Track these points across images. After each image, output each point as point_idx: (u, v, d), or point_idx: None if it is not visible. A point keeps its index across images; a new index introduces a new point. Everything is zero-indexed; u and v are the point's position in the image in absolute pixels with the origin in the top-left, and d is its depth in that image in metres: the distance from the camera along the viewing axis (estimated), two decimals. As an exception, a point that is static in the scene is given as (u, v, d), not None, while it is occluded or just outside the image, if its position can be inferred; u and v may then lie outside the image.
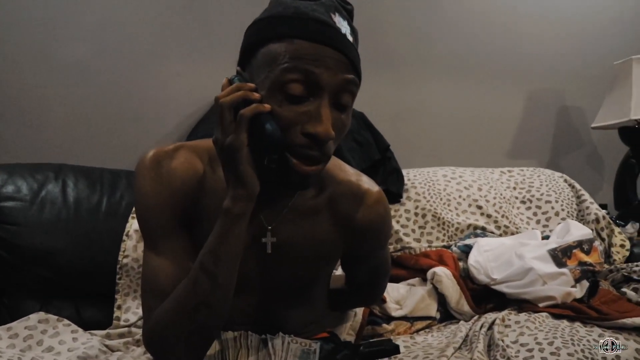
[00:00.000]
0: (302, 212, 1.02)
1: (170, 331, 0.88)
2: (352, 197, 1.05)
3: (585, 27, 2.66)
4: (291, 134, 0.85)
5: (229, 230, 0.86)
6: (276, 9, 0.88)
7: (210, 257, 0.86)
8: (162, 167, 0.97)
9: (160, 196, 0.96)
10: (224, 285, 0.88)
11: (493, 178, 2.04)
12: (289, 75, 0.83)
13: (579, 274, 1.49)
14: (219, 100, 0.85)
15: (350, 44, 0.88)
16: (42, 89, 1.98)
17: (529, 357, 1.17)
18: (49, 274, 1.52)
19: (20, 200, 1.56)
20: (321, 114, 0.84)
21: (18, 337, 1.28)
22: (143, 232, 0.98)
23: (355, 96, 0.90)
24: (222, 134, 0.84)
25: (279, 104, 0.84)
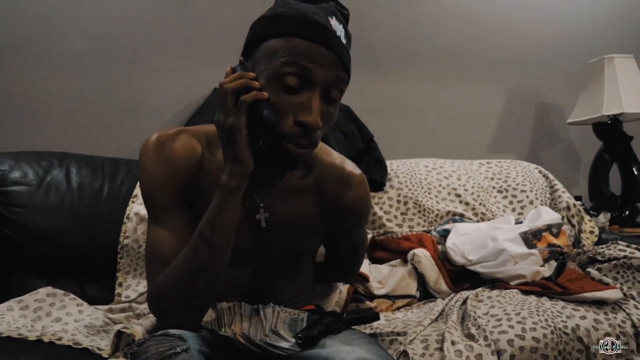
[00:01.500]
0: (291, 192, 1.13)
1: (173, 294, 0.98)
2: (337, 179, 1.16)
3: (563, 27, 2.78)
4: (284, 122, 0.95)
5: (225, 202, 0.97)
6: (280, 8, 0.99)
7: (208, 226, 0.97)
8: (165, 148, 1.07)
9: (163, 175, 1.06)
10: (221, 252, 0.98)
11: (472, 169, 2.15)
12: (286, 69, 0.94)
13: (547, 255, 1.62)
14: (223, 86, 0.95)
15: (343, 45, 0.99)
16: (43, 82, 2.06)
17: (497, 326, 1.29)
18: (54, 253, 1.61)
19: (27, 185, 1.65)
20: (312, 105, 0.95)
21: (28, 308, 1.38)
22: (147, 207, 1.08)
23: (343, 92, 1.01)
24: (224, 116, 0.95)
25: (275, 93, 0.95)
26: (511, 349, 1.22)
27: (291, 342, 1.07)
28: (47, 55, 2.06)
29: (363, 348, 1.03)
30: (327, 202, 1.16)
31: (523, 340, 1.24)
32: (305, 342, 1.06)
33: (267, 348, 1.05)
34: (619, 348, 1.28)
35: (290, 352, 1.05)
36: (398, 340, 1.27)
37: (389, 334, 1.30)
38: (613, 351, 1.27)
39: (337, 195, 1.16)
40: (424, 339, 1.26)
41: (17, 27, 2.01)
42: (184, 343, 0.86)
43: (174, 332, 0.89)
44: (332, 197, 1.16)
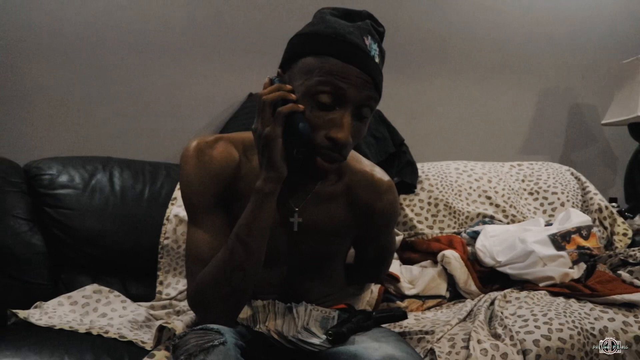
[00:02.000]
0: (323, 197, 1.19)
1: (211, 291, 1.05)
2: (367, 185, 1.22)
3: (596, 27, 2.77)
4: (317, 136, 1.02)
5: (260, 206, 1.03)
6: (318, 26, 1.05)
7: (244, 229, 1.03)
8: (204, 155, 1.14)
9: (202, 179, 1.13)
10: (256, 253, 1.05)
11: (503, 171, 2.17)
12: (321, 87, 1.00)
13: (576, 257, 1.63)
14: (261, 97, 1.02)
15: (376, 65, 1.04)
16: (87, 90, 2.17)
17: (524, 326, 1.32)
18: (99, 253, 1.71)
19: (74, 188, 1.75)
20: (343, 122, 1.01)
21: (77, 304, 1.47)
22: (187, 209, 1.15)
23: (374, 110, 1.07)
24: (262, 125, 1.02)
25: (309, 109, 1.02)
26: (537, 348, 1.24)
27: (322, 338, 1.12)
28: (89, 64, 2.17)
29: (391, 345, 1.08)
30: (357, 208, 1.22)
31: (549, 340, 1.26)
32: (335, 339, 1.11)
33: (299, 344, 1.11)
34: (619, 348, 1.28)
35: (321, 348, 1.10)
36: (426, 339, 1.31)
37: (417, 333, 1.34)
38: (613, 351, 1.27)
39: (367, 201, 1.22)
40: (450, 338, 1.29)
41: (59, 38, 2.12)
42: (222, 337, 0.92)
43: (212, 327, 0.96)
44: (362, 202, 1.22)
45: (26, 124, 2.09)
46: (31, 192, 1.74)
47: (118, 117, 2.20)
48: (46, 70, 2.12)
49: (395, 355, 1.02)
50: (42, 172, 1.77)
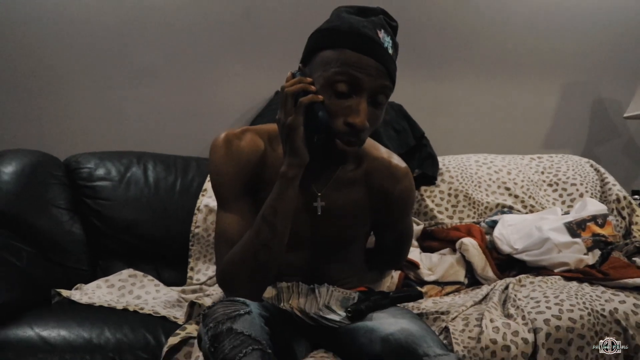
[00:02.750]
0: (344, 182, 1.27)
1: (238, 269, 1.14)
2: (384, 171, 1.30)
3: (618, 19, 2.76)
4: (336, 122, 1.11)
5: (285, 189, 1.12)
6: (335, 22, 1.14)
7: (270, 210, 1.12)
8: (232, 145, 1.24)
9: (231, 167, 1.22)
10: (280, 232, 1.13)
11: (522, 163, 2.22)
12: (338, 77, 1.09)
13: (591, 244, 1.68)
14: (284, 89, 1.11)
15: (389, 56, 1.12)
16: (121, 90, 2.28)
17: (535, 307, 1.37)
18: (134, 240, 1.83)
19: (110, 180, 1.87)
20: (360, 109, 1.09)
21: (114, 287, 1.58)
22: (217, 196, 1.25)
23: (388, 97, 1.16)
24: (284, 115, 1.11)
25: (328, 98, 1.10)
26: (547, 327, 1.29)
27: (342, 315, 1.20)
28: (124, 66, 2.28)
29: (406, 321, 1.15)
30: (375, 192, 1.30)
31: (560, 320, 1.31)
32: (354, 316, 1.19)
33: (320, 320, 1.19)
34: (619, 348, 1.30)
35: (340, 324, 1.18)
36: (441, 318, 1.37)
37: (433, 313, 1.41)
38: (613, 351, 1.29)
39: (384, 186, 1.29)
40: (465, 317, 1.36)
41: (96, 39, 2.25)
42: (247, 307, 1.01)
43: (238, 299, 1.04)
44: (380, 188, 1.29)
45: (66, 122, 2.22)
46: (71, 184, 1.86)
47: (151, 114, 2.31)
48: (84, 71, 2.24)
49: (410, 329, 1.10)
50: (81, 166, 1.89)
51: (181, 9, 2.32)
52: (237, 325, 0.96)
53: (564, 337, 1.29)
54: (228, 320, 0.97)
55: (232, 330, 0.95)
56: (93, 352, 1.21)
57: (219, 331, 0.96)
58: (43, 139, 2.14)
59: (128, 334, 1.25)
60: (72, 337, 1.23)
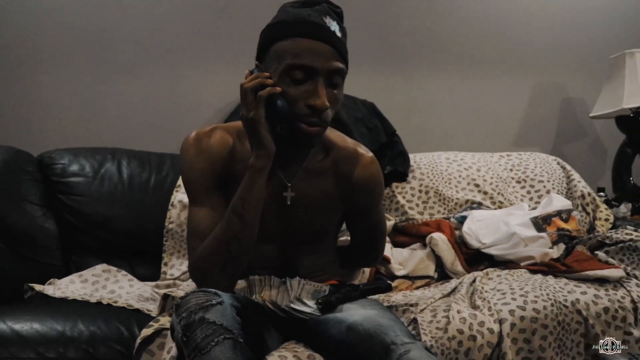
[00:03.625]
0: (312, 172, 1.30)
1: (210, 261, 1.16)
2: (351, 160, 1.33)
3: (585, 23, 2.83)
4: (297, 106, 1.15)
5: (253, 181, 1.15)
6: (282, 16, 1.19)
7: (239, 202, 1.15)
8: (202, 143, 1.27)
9: (202, 163, 1.25)
10: (250, 224, 1.16)
11: (492, 161, 2.27)
12: (293, 65, 1.13)
13: (556, 238, 1.73)
14: (243, 86, 1.15)
15: (338, 38, 1.17)
16: (96, 86, 2.27)
17: (501, 298, 1.42)
18: (108, 236, 1.83)
19: (84, 176, 1.87)
20: (318, 90, 1.14)
21: (87, 282, 1.59)
22: (188, 192, 1.27)
23: (344, 78, 1.20)
24: (246, 110, 1.15)
25: (286, 86, 1.15)
26: (512, 317, 1.34)
27: (312, 307, 1.23)
28: (98, 61, 2.28)
29: (375, 312, 1.19)
30: (342, 181, 1.33)
31: (524, 310, 1.36)
32: (325, 307, 1.22)
33: (291, 312, 1.22)
34: (619, 348, 1.36)
35: (311, 316, 1.21)
36: (410, 310, 1.41)
37: (402, 306, 1.45)
38: (613, 351, 1.35)
39: (350, 173, 1.32)
40: (433, 309, 1.40)
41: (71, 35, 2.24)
42: (219, 297, 1.03)
43: (210, 290, 1.06)
44: (346, 175, 1.32)
45: (40, 118, 2.21)
46: (44, 180, 1.85)
47: (125, 111, 2.30)
48: (58, 67, 2.23)
49: (378, 319, 1.13)
50: (54, 162, 1.88)
51: (158, 5, 2.32)
52: (209, 315, 0.98)
53: (528, 327, 1.34)
54: (200, 310, 0.99)
55: (204, 319, 0.97)
56: (66, 344, 1.22)
57: (191, 320, 0.98)
58: (15, 135, 2.12)
59: (101, 326, 1.26)
60: (45, 330, 1.24)
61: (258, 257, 1.28)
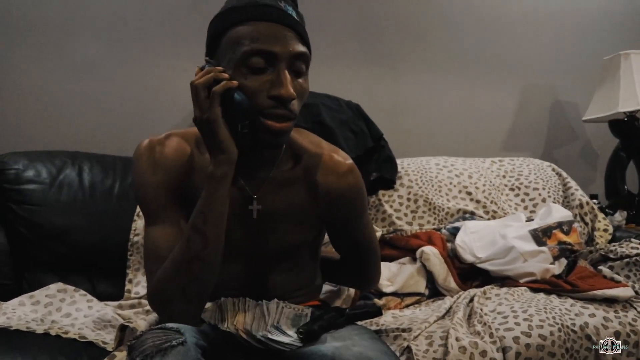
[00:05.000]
0: (281, 183, 1.14)
1: (169, 285, 1.00)
2: (324, 168, 1.16)
3: (577, 24, 2.75)
4: (259, 99, 0.99)
5: (214, 192, 0.99)
6: (232, 2, 1.04)
7: (200, 216, 0.99)
8: (156, 152, 1.10)
9: (156, 176, 1.09)
10: (213, 240, 1.00)
11: (484, 167, 2.14)
12: (250, 52, 0.98)
13: (557, 252, 1.60)
14: (193, 83, 0.99)
15: (297, 21, 1.02)
16: (57, 84, 2.09)
17: (503, 323, 1.28)
18: (66, 250, 1.65)
19: (40, 183, 1.69)
20: (281, 79, 0.98)
21: (39, 304, 1.41)
22: (143, 208, 1.11)
23: (308, 64, 1.05)
24: (200, 111, 0.98)
25: (244, 77, 0.99)
26: (517, 346, 1.21)
27: (293, 337, 1.07)
28: (62, 58, 2.10)
29: (364, 344, 1.04)
30: (317, 192, 1.16)
31: (529, 337, 1.23)
32: (306, 337, 1.07)
33: (268, 343, 1.06)
34: (619, 348, 1.26)
35: (291, 347, 1.05)
36: (402, 337, 1.26)
37: (393, 330, 1.30)
38: (613, 351, 1.26)
39: (325, 184, 1.16)
40: (428, 335, 1.26)
41: (33, 30, 2.05)
42: (181, 336, 0.87)
43: (171, 326, 0.90)
44: (320, 185, 1.16)
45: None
46: (-5, 187, 1.67)
47: (90, 111, 2.12)
48: (13, 62, 2.04)
49: (368, 355, 0.98)
50: (7, 167, 1.70)
51: (124, -2, 2.15)
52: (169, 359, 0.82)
53: (534, 356, 1.22)
54: (158, 353, 0.83)
55: None
56: (2, 388, 1.04)
57: (146, 367, 0.82)
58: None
59: (46, 364, 1.09)
60: (-23, 370, 1.06)
61: (226, 278, 1.12)
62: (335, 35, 2.36)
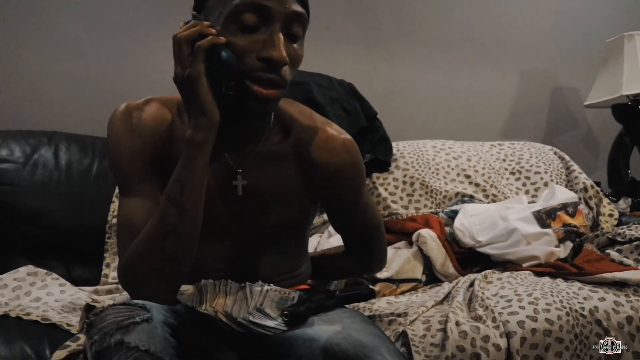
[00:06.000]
0: (268, 157, 1.05)
1: (142, 262, 0.90)
2: (316, 142, 1.07)
3: (577, 5, 2.69)
4: (247, 60, 0.89)
5: (193, 159, 0.90)
6: None
7: (176, 186, 0.90)
8: (133, 118, 1.01)
9: (132, 144, 0.99)
10: (191, 213, 0.91)
11: (483, 150, 2.06)
12: (242, 7, 0.88)
13: (562, 235, 1.52)
14: (176, 37, 0.90)
15: None
16: (37, 64, 2.03)
17: (507, 307, 1.19)
18: (40, 233, 1.58)
19: (13, 162, 1.61)
20: (274, 39, 0.89)
21: (7, 287, 1.32)
22: (117, 179, 1.02)
23: (305, 28, 0.96)
24: (181, 67, 0.89)
25: (233, 34, 0.90)
26: (522, 330, 1.12)
27: (277, 320, 0.98)
28: (43, 37, 2.03)
29: (355, 327, 0.95)
30: (308, 169, 1.07)
31: (535, 322, 1.14)
32: (292, 320, 0.98)
33: (250, 327, 0.96)
34: (619, 348, 1.19)
35: (275, 332, 0.96)
36: (397, 321, 1.18)
37: (388, 315, 1.22)
38: (613, 351, 1.18)
39: (319, 160, 1.06)
40: (425, 320, 1.17)
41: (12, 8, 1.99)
42: (146, 313, 0.78)
43: (136, 302, 0.81)
44: (314, 162, 1.06)
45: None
46: (-35, 167, 1.58)
47: (72, 92, 2.05)
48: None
49: (359, 337, 0.89)
50: (-22, 145, 1.61)
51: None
52: (131, 338, 0.73)
53: (540, 342, 1.13)
54: (118, 330, 0.73)
55: (123, 343, 0.72)
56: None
57: (105, 346, 0.73)
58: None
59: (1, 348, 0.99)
60: None
61: (208, 258, 1.04)
62: (327, 16, 2.29)
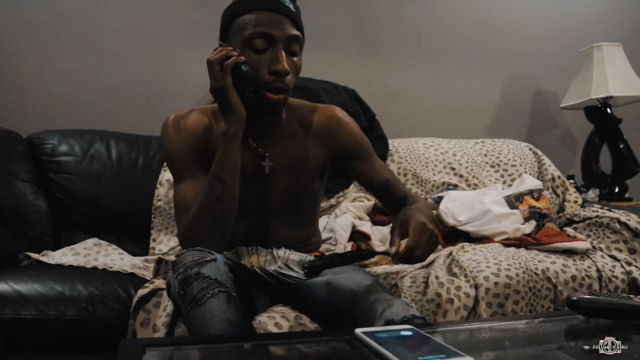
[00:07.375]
0: (285, 137, 1.38)
1: (197, 226, 1.21)
2: (313, 114, 1.41)
3: (556, 18, 2.96)
4: (261, 74, 1.23)
5: (229, 146, 1.22)
6: None
7: (218, 167, 1.22)
8: (180, 124, 1.35)
9: (181, 142, 1.32)
10: (230, 186, 1.23)
11: (467, 146, 2.37)
12: (254, 35, 1.22)
13: (527, 214, 1.83)
14: (209, 60, 1.22)
15: (293, 11, 1.27)
16: (81, 73, 2.33)
17: (476, 267, 1.50)
18: (97, 213, 1.89)
19: (74, 156, 1.92)
20: (279, 57, 1.23)
21: (79, 254, 1.64)
22: (172, 171, 1.34)
23: (301, 46, 1.29)
24: (215, 81, 1.22)
25: (249, 56, 1.23)
26: (487, 283, 1.43)
27: (299, 272, 1.30)
28: (85, 48, 2.33)
29: (358, 276, 1.26)
30: (313, 134, 1.40)
31: (498, 277, 1.45)
32: (311, 271, 1.29)
33: (279, 277, 1.29)
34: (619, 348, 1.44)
35: (298, 280, 1.28)
36: (390, 276, 1.49)
37: (383, 274, 1.53)
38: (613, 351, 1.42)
39: (317, 125, 1.40)
40: (412, 276, 1.48)
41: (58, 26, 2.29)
42: (213, 255, 1.10)
43: (204, 248, 1.13)
44: (314, 129, 1.40)
45: (28, 101, 2.25)
46: (34, 159, 1.90)
47: (111, 97, 2.35)
48: (46, 53, 2.28)
49: (362, 281, 1.21)
50: (44, 142, 1.93)
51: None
52: (205, 270, 1.05)
53: (501, 292, 1.43)
54: (196, 265, 1.05)
55: (200, 274, 1.04)
56: (66, 303, 1.27)
57: (187, 275, 1.04)
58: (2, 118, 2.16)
59: (99, 287, 1.32)
60: (45, 290, 1.29)
61: (242, 232, 1.35)
62: (331, 27, 2.58)
